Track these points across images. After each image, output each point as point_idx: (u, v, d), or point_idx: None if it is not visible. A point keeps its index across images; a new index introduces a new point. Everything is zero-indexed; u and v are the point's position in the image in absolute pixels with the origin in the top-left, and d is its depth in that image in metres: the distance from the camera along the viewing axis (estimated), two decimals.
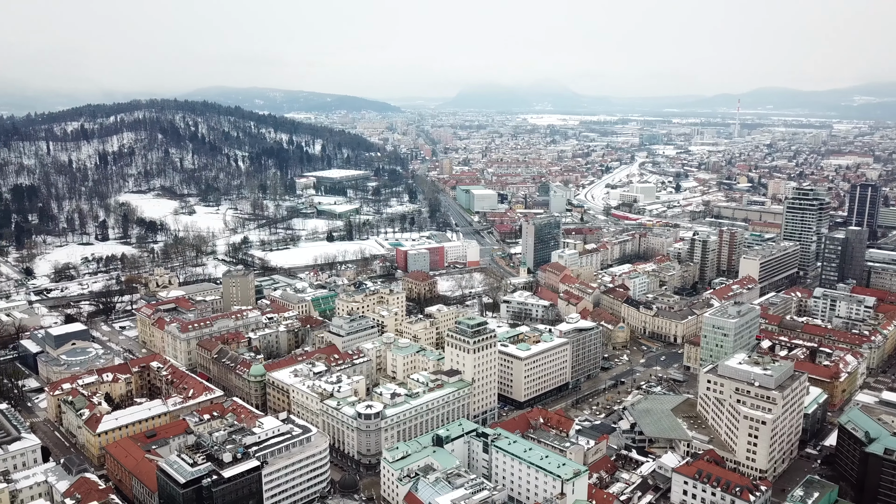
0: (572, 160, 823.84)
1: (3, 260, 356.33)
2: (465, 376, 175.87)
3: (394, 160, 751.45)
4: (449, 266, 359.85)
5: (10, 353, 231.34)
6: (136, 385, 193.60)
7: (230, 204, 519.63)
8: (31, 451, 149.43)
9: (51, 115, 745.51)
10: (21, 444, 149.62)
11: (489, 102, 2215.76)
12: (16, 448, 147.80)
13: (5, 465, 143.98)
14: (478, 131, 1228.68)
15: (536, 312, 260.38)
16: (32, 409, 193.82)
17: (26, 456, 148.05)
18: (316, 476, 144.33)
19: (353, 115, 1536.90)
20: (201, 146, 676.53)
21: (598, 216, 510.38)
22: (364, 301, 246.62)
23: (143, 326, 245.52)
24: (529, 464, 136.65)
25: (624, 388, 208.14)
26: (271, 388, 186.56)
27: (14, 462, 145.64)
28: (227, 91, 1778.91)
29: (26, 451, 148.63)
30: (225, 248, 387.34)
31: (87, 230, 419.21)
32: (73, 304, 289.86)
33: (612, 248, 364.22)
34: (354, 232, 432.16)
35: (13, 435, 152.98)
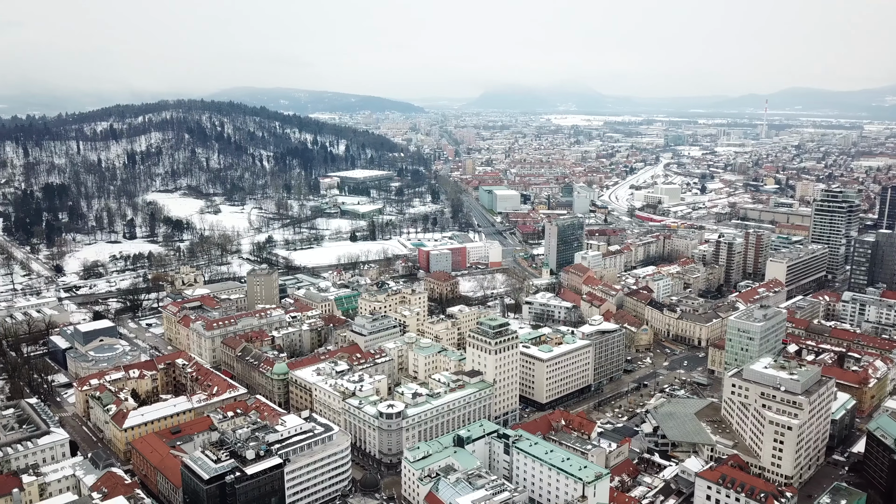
0: (596, 161, 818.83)
1: (34, 257, 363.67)
2: (486, 377, 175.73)
3: (417, 160, 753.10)
4: (471, 266, 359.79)
5: (40, 349, 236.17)
6: (162, 382, 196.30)
7: (255, 203, 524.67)
8: (59, 445, 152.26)
9: (81, 116, 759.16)
10: (50, 438, 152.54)
11: (513, 103, 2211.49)
12: (45, 442, 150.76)
13: (35, 458, 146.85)
14: (501, 132, 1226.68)
15: (559, 314, 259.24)
16: (61, 404, 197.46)
17: (55, 450, 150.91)
18: (337, 474, 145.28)
19: (377, 115, 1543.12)
20: (227, 146, 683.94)
21: (621, 217, 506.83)
22: (386, 301, 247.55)
23: (168, 324, 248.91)
24: (551, 466, 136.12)
25: (647, 391, 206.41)
26: (294, 387, 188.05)
27: (43, 455, 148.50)
28: (252, 91, 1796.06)
29: (55, 445, 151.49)
30: (249, 247, 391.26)
31: (116, 228, 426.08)
32: (102, 301, 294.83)
33: (636, 249, 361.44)
34: (377, 232, 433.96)
35: (43, 429, 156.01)
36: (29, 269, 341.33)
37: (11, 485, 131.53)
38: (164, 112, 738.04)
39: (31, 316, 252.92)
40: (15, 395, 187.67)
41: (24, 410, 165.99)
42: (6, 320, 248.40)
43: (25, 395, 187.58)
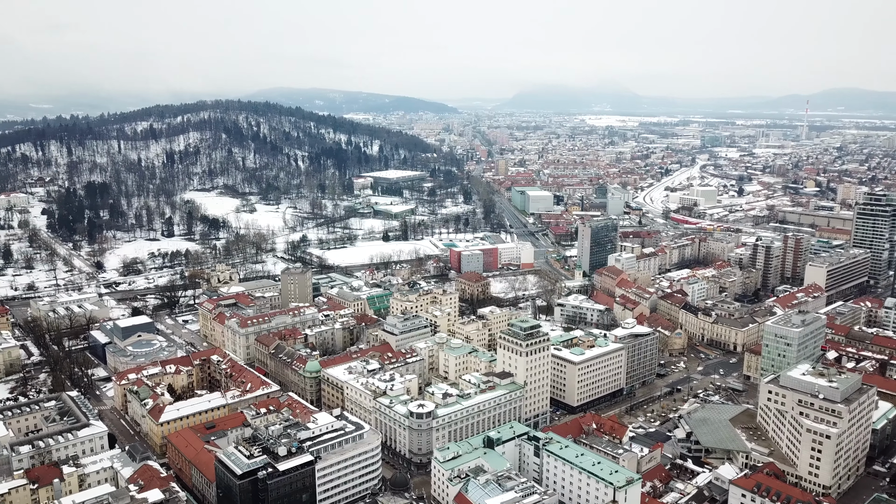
0: (631, 162, 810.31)
1: (76, 254, 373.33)
2: (517, 379, 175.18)
3: (449, 161, 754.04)
4: (502, 268, 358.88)
5: (81, 343, 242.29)
6: (197, 377, 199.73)
7: (290, 203, 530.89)
8: (98, 437, 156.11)
9: (122, 116, 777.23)
10: (89, 430, 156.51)
11: (547, 103, 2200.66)
12: (84, 434, 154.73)
13: (75, 449, 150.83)
14: (534, 132, 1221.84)
15: (591, 316, 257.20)
16: (101, 398, 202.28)
17: (94, 442, 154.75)
18: (368, 473, 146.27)
19: (411, 115, 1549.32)
20: (263, 146, 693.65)
21: (656, 219, 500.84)
22: (418, 301, 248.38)
23: (204, 321, 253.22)
24: (581, 469, 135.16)
25: (680, 396, 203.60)
26: (326, 385, 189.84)
27: (83, 447, 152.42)
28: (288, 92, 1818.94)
29: (94, 437, 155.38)
30: (284, 246, 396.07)
31: (154, 226, 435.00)
32: (140, 297, 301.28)
33: (671, 252, 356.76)
34: (409, 232, 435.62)
35: (83, 421, 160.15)
36: (71, 265, 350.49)
37: (52, 475, 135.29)
38: (202, 112, 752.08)
39: (72, 311, 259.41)
40: (57, 388, 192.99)
41: (65, 403, 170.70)
42: (49, 315, 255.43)
43: (67, 388, 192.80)
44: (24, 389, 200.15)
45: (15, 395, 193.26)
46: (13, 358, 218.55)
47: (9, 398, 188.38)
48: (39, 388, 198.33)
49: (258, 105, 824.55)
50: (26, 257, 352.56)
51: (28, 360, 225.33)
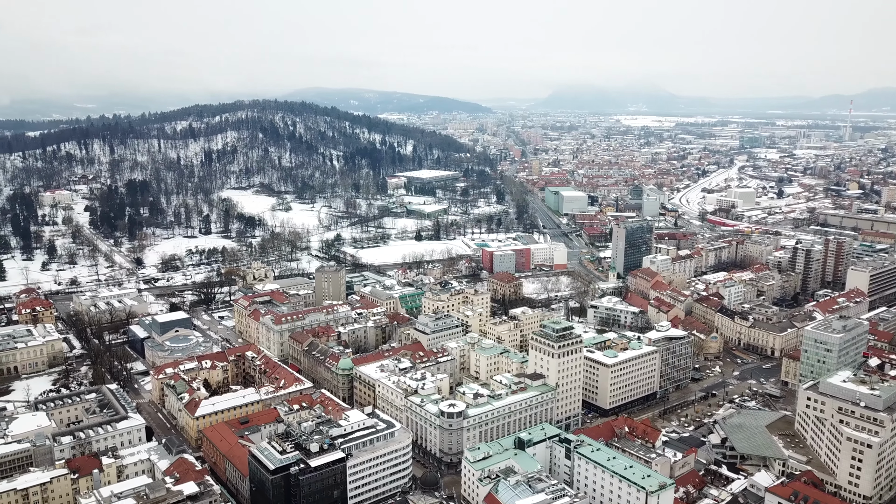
0: (667, 163, 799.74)
1: (117, 250, 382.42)
2: (548, 380, 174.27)
3: (483, 161, 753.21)
4: (535, 268, 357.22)
5: (120, 338, 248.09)
6: (232, 373, 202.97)
7: (324, 202, 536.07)
8: (136, 430, 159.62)
9: (162, 115, 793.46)
10: (128, 422, 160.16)
11: (581, 103, 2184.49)
12: (123, 426, 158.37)
13: (114, 441, 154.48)
14: (569, 132, 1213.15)
15: (625, 319, 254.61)
16: (139, 391, 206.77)
17: (132, 434, 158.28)
18: (398, 471, 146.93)
19: (445, 115, 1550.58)
20: (299, 145, 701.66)
21: (692, 221, 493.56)
22: (449, 300, 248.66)
23: (239, 317, 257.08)
24: (613, 473, 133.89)
25: (715, 401, 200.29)
26: (358, 382, 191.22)
27: (121, 439, 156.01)
28: (324, 92, 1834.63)
29: (132, 429, 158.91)
30: (318, 245, 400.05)
31: (192, 224, 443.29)
32: (178, 293, 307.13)
33: (707, 254, 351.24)
34: (442, 232, 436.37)
35: (121, 414, 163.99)
36: (112, 261, 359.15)
37: (92, 465, 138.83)
38: (239, 112, 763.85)
39: (112, 306, 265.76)
40: (97, 381, 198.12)
41: (105, 395, 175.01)
42: (90, 309, 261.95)
43: (106, 381, 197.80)
44: (66, 382, 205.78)
45: (58, 387, 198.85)
46: (56, 351, 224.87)
47: (52, 390, 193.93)
48: (81, 381, 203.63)
49: (294, 105, 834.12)
50: (69, 253, 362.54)
51: (70, 353, 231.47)
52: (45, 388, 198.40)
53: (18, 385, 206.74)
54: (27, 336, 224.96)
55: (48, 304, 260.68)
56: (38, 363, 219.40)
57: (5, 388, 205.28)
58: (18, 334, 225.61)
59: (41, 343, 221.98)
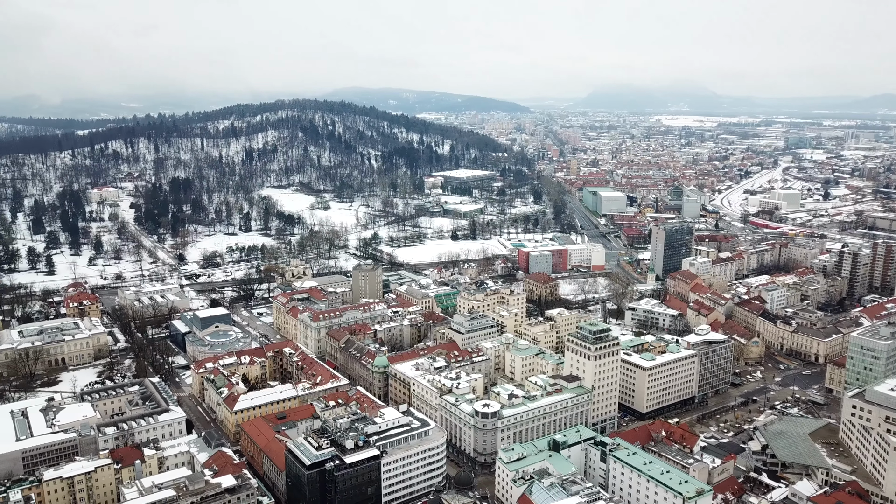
0: (708, 164, 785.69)
1: (160, 246, 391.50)
2: (584, 383, 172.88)
3: (520, 161, 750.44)
4: (572, 269, 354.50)
5: (162, 332, 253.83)
6: (270, 368, 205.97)
7: (362, 201, 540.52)
8: (177, 422, 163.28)
9: (205, 114, 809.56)
10: (169, 415, 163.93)
11: (621, 103, 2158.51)
12: (164, 419, 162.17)
13: (155, 433, 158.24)
14: (608, 132, 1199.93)
15: (663, 322, 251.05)
16: (180, 385, 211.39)
17: (173, 427, 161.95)
18: (432, 470, 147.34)
19: (482, 115, 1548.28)
20: (337, 145, 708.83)
21: (734, 223, 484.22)
22: (485, 300, 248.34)
23: (278, 314, 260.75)
24: (649, 478, 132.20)
25: (756, 407, 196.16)
26: (393, 380, 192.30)
27: (162, 431, 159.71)
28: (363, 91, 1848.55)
29: (173, 422, 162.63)
30: (356, 243, 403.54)
31: (233, 221, 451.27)
32: (218, 289, 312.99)
33: (749, 257, 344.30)
34: (478, 231, 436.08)
35: (163, 407, 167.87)
36: (155, 256, 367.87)
37: (134, 456, 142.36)
38: (280, 111, 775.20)
39: (155, 301, 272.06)
40: (140, 374, 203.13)
41: (147, 388, 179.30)
42: (134, 304, 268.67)
43: (149, 374, 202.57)
44: (110, 374, 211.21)
45: (102, 379, 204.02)
46: (101, 343, 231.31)
47: (97, 382, 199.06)
48: (124, 374, 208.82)
49: (334, 104, 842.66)
50: (115, 249, 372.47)
51: (115, 346, 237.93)
52: (91, 380, 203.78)
53: (66, 376, 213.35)
54: (74, 329, 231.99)
55: (94, 299, 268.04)
56: (84, 355, 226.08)
57: (53, 379, 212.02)
58: (66, 327, 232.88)
59: (87, 336, 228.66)
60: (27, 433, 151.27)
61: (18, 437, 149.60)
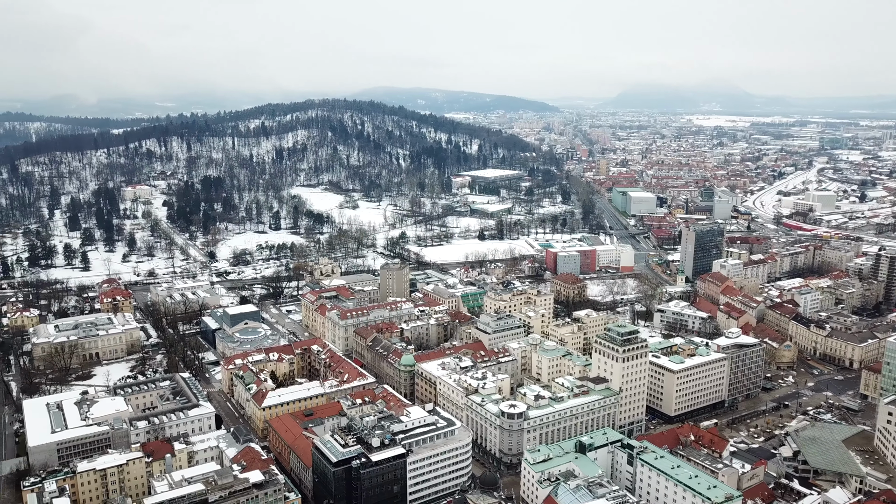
0: (740, 164, 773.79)
1: (191, 243, 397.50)
2: (612, 385, 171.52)
3: (549, 160, 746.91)
4: (600, 270, 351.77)
5: (193, 328, 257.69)
6: (298, 366, 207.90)
7: (390, 200, 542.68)
8: (206, 417, 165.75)
9: (237, 114, 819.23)
10: (199, 410, 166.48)
11: (652, 102, 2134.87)
12: (194, 414, 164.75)
13: (185, 428, 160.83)
14: (638, 132, 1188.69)
15: (693, 324, 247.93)
16: (209, 380, 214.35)
17: (203, 422, 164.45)
18: (458, 469, 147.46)
19: (511, 115, 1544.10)
20: (366, 144, 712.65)
21: (766, 225, 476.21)
22: (511, 300, 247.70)
23: (306, 311, 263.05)
24: (677, 482, 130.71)
25: (787, 412, 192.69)
26: (419, 379, 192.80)
27: (192, 426, 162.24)
28: (392, 91, 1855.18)
29: (203, 417, 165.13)
30: (384, 242, 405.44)
31: (263, 220, 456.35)
32: (248, 286, 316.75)
33: (782, 260, 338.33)
34: (505, 231, 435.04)
35: (193, 402, 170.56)
36: (187, 254, 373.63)
37: (165, 450, 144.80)
38: (310, 111, 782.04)
39: (187, 297, 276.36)
40: (171, 369, 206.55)
41: (178, 383, 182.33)
42: (166, 300, 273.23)
43: (180, 369, 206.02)
44: (142, 369, 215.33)
45: (134, 374, 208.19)
46: (134, 339, 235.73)
47: (129, 376, 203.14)
48: (156, 369, 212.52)
49: (363, 104, 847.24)
50: (148, 246, 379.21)
51: (147, 342, 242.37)
52: (123, 375, 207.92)
53: (99, 370, 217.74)
54: (108, 324, 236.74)
55: (127, 294, 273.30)
56: (117, 350, 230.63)
57: (87, 373, 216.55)
58: (100, 322, 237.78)
59: (121, 331, 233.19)
60: (62, 425, 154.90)
61: (54, 430, 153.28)
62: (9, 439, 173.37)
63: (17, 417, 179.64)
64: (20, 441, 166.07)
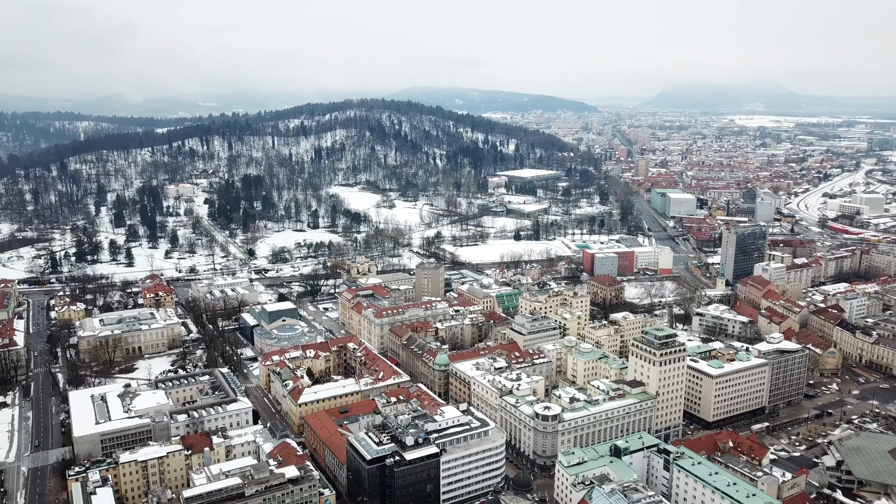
0: (784, 165, 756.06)
1: (231, 241, 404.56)
2: (648, 389, 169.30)
3: (586, 160, 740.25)
4: (638, 272, 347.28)
5: (232, 324, 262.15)
6: (334, 363, 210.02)
7: (426, 200, 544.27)
8: (244, 412, 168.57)
9: (277, 113, 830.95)
10: (237, 405, 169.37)
11: (693, 102, 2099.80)
12: (232, 409, 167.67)
13: (223, 422, 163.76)
14: (678, 132, 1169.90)
15: (733, 328, 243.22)
16: (247, 376, 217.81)
17: (240, 416, 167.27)
18: (491, 470, 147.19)
19: (549, 114, 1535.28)
20: (404, 144, 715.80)
21: (811, 228, 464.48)
22: (547, 302, 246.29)
23: (343, 309, 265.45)
24: (714, 489, 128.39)
25: (831, 421, 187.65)
26: (454, 379, 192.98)
27: (230, 420, 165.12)
28: (430, 91, 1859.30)
29: (241, 412, 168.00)
30: (419, 242, 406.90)
31: (301, 218, 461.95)
32: (286, 284, 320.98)
33: (827, 264, 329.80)
34: (542, 232, 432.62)
35: (231, 397, 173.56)
36: (227, 251, 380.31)
37: (203, 443, 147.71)
38: (348, 110, 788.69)
39: (226, 294, 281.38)
40: (210, 364, 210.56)
41: (217, 378, 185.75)
42: (206, 296, 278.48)
43: (219, 364, 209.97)
44: (183, 363, 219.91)
45: (175, 368, 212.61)
46: (175, 334, 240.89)
47: (170, 370, 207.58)
48: (195, 363, 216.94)
49: (400, 104, 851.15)
50: (189, 242, 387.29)
51: (187, 337, 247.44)
52: (165, 368, 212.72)
53: (141, 364, 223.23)
54: (150, 319, 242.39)
55: (169, 290, 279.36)
56: (159, 345, 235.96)
57: (130, 367, 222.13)
58: (143, 317, 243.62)
59: (162, 326, 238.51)
60: (106, 417, 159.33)
61: (98, 421, 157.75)
62: (55, 429, 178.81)
63: (63, 408, 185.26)
64: (66, 431, 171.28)
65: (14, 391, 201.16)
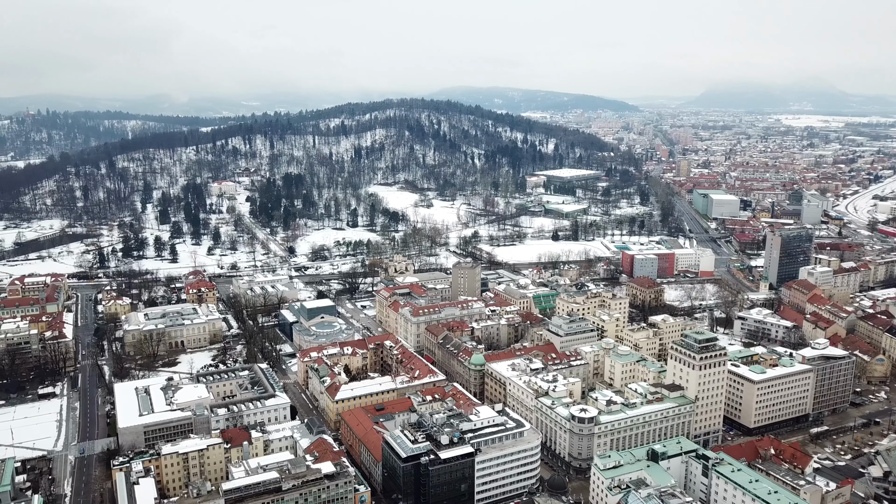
0: (832, 167, 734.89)
1: (272, 238, 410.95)
2: (687, 393, 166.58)
3: (627, 160, 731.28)
4: (678, 274, 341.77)
5: (271, 321, 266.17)
6: (371, 360, 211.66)
7: (464, 199, 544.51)
8: (282, 407, 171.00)
9: (318, 112, 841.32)
10: (275, 400, 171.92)
11: (738, 102, 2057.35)
12: (271, 404, 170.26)
13: (262, 417, 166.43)
14: (722, 132, 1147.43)
15: (776, 333, 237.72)
16: (286, 372, 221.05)
17: (278, 412, 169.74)
18: (526, 471, 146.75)
19: (589, 114, 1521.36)
20: (442, 143, 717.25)
21: (860, 231, 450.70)
22: (585, 303, 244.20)
23: (380, 307, 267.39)
24: (755, 496, 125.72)
25: (878, 430, 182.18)
26: (489, 379, 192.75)
27: (268, 415, 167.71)
28: (469, 90, 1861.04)
29: (279, 407, 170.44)
30: (456, 241, 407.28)
31: (340, 217, 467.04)
32: (325, 281, 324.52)
33: (876, 268, 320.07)
34: (580, 232, 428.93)
35: (270, 392, 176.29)
36: (267, 248, 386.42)
37: (242, 437, 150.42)
38: (388, 110, 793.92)
39: (266, 290, 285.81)
40: (250, 360, 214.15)
41: (256, 374, 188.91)
42: (247, 293, 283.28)
43: (258, 360, 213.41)
44: (223, 358, 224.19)
45: (216, 363, 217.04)
46: (216, 329, 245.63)
47: (211, 365, 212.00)
48: (236, 359, 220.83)
49: (440, 103, 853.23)
50: (231, 240, 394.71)
51: (228, 332, 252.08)
52: (206, 363, 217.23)
53: (184, 358, 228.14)
54: (193, 314, 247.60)
55: (211, 286, 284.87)
56: (200, 340, 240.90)
57: (173, 360, 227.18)
58: (186, 312, 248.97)
59: (204, 321, 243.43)
60: (149, 409, 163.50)
61: (141, 413, 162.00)
62: (101, 420, 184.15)
63: (108, 399, 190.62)
64: (111, 422, 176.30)
65: (63, 382, 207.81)
